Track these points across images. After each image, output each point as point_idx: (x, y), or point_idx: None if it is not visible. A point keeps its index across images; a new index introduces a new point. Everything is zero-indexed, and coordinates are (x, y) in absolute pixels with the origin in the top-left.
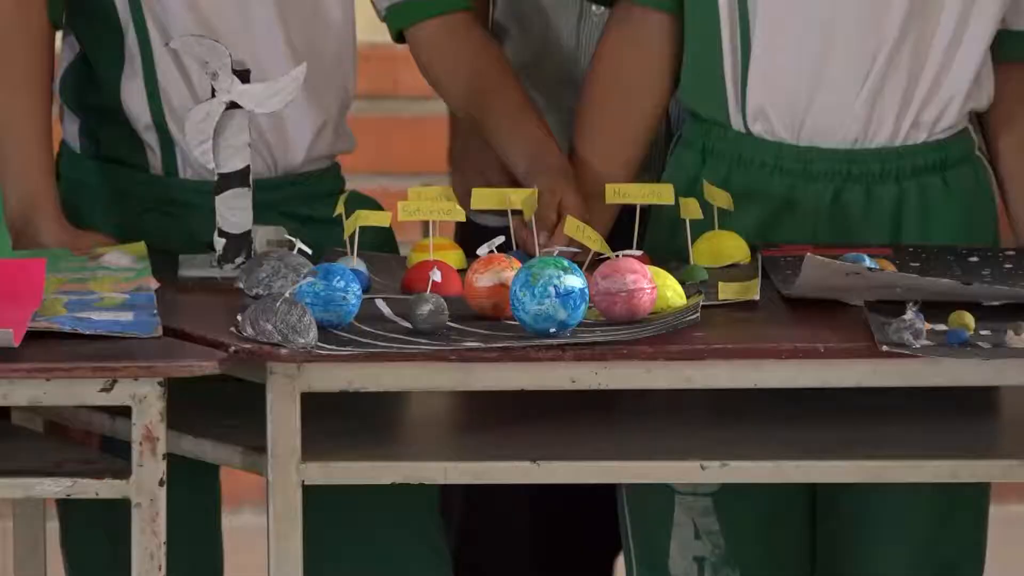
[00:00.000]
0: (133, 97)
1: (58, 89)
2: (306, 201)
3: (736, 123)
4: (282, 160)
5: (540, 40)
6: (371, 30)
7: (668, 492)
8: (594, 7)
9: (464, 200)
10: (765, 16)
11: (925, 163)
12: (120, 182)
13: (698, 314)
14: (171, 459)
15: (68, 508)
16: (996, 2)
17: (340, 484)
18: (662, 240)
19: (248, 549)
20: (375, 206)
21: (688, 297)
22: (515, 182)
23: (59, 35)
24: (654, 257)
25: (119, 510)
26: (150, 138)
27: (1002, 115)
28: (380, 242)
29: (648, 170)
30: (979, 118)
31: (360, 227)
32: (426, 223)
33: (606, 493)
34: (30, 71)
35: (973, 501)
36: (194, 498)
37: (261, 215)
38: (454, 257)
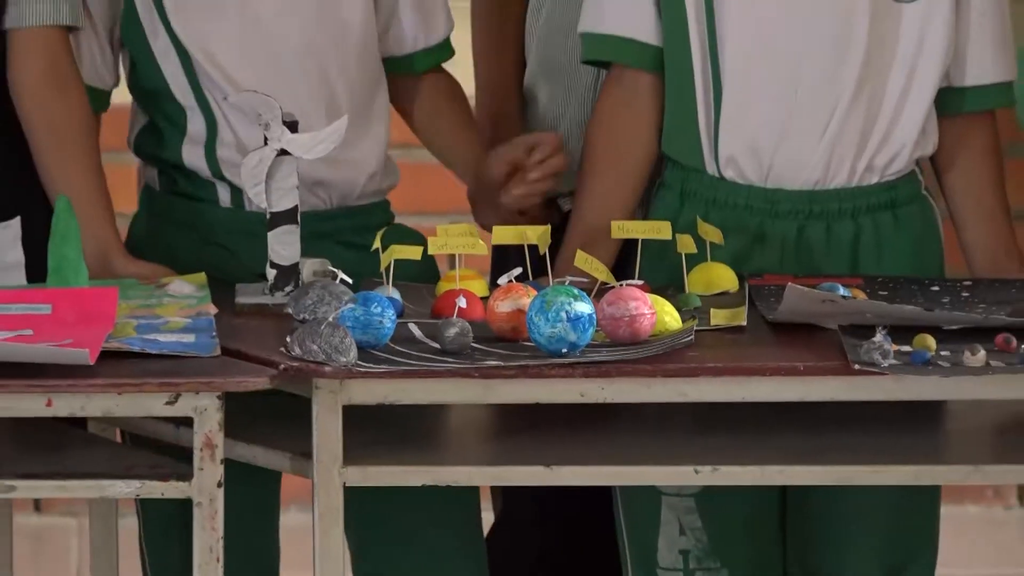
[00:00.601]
0: (193, 158)
1: (133, 147)
2: (359, 232)
3: (711, 169)
4: (337, 196)
5: (564, 92)
6: None
7: (656, 494)
8: None
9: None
10: (734, 74)
11: (878, 202)
12: (192, 216)
13: (692, 336)
14: (235, 464)
15: (147, 509)
16: (938, 62)
17: (379, 486)
18: (656, 270)
19: (296, 544)
20: (418, 237)
21: (684, 321)
22: (521, 218)
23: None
24: (653, 286)
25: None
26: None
27: (946, 160)
28: (421, 271)
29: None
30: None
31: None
32: (453, 256)
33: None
34: (80, 152)
35: (927, 500)
36: (255, 499)
37: (319, 243)
38: (477, 286)
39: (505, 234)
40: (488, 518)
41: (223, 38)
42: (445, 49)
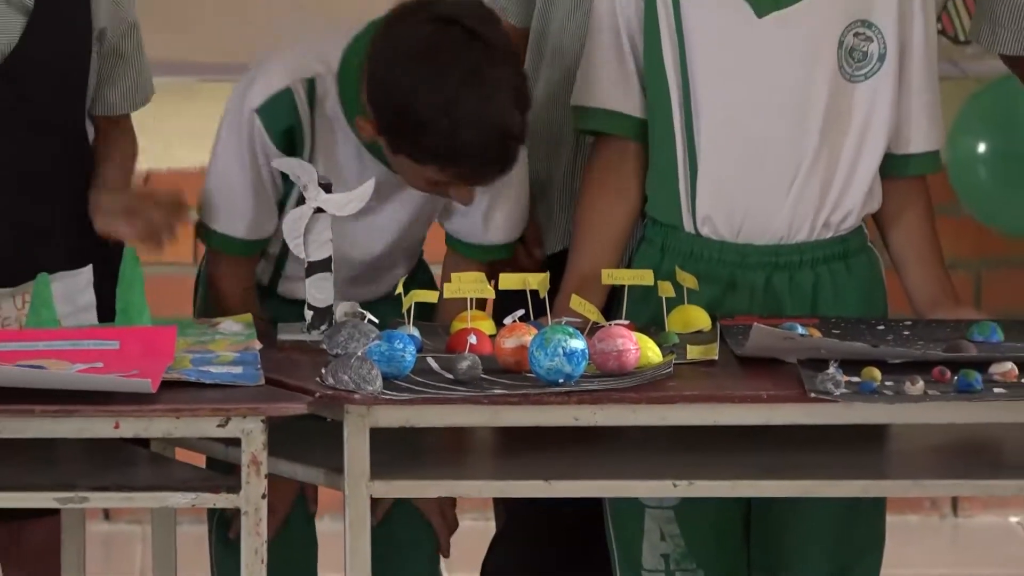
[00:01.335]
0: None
1: None
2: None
3: (688, 227)
4: (381, 293)
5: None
6: None
7: (639, 506)
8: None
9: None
10: (708, 145)
11: (833, 253)
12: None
13: (672, 369)
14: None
15: (218, 523)
16: (883, 134)
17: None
18: (640, 312)
19: (330, 548)
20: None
21: (664, 356)
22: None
23: None
24: (637, 325)
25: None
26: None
27: (890, 217)
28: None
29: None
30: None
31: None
32: (465, 299)
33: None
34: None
35: (874, 510)
36: (297, 509)
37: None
38: (486, 325)
39: (510, 280)
40: (490, 528)
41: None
42: (500, 251)
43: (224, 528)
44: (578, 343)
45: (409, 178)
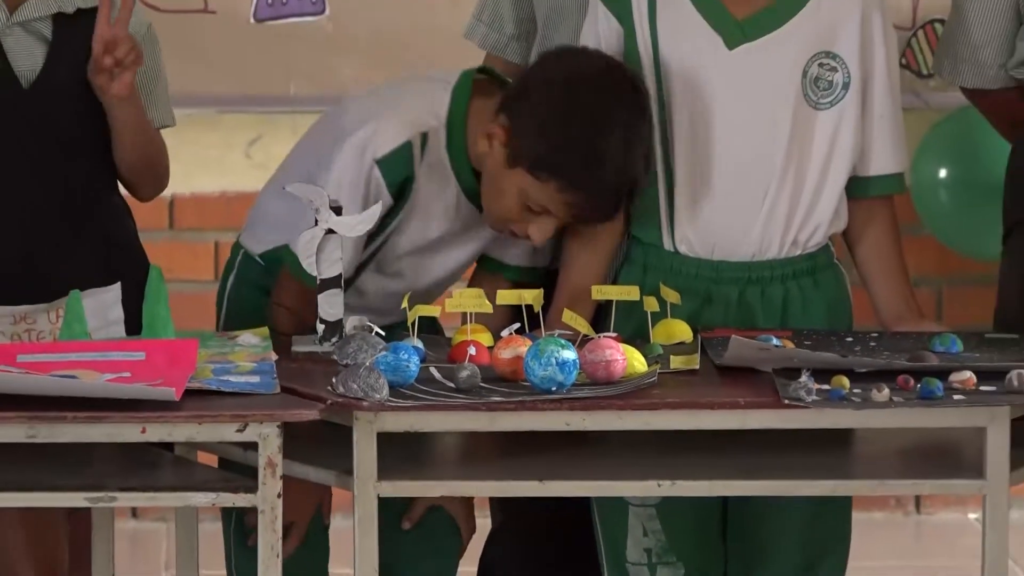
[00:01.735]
0: None
1: (264, 258)
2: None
3: (668, 245)
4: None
5: None
6: None
7: (624, 505)
8: None
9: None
10: (683, 169)
11: (802, 269)
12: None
13: (656, 378)
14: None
15: (235, 529)
16: (848, 157)
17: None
18: (626, 325)
19: (340, 544)
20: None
21: (649, 366)
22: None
23: None
24: (624, 337)
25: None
26: None
27: (856, 235)
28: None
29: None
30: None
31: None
32: (465, 314)
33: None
34: None
35: (841, 508)
36: (313, 519)
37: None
38: (484, 337)
39: (507, 296)
40: (485, 525)
41: (387, 289)
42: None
43: (242, 534)
44: (569, 354)
45: (505, 203)
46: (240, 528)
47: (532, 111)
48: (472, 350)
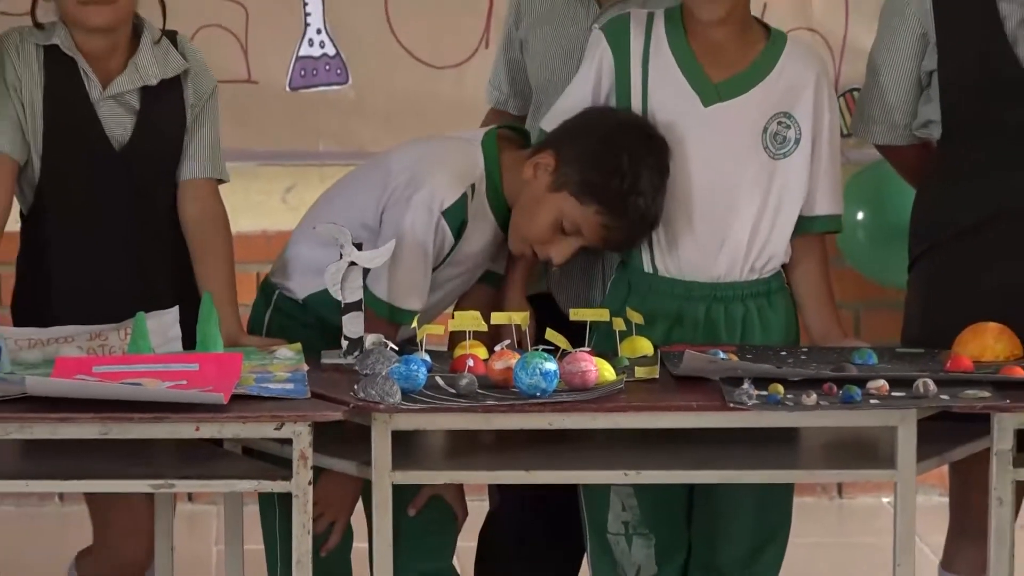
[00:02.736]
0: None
1: (304, 300)
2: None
3: (648, 268)
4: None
5: None
6: None
7: (607, 486)
8: None
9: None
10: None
11: (758, 291)
12: (299, 316)
13: (623, 385)
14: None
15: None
16: (798, 199)
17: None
18: (599, 342)
19: (359, 523)
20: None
21: (617, 375)
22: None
23: None
24: (597, 351)
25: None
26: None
27: (793, 264)
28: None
29: (596, 301)
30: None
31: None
32: (464, 332)
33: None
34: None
35: (784, 494)
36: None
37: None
38: (481, 352)
39: (499, 317)
40: (484, 506)
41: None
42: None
43: (286, 536)
44: (551, 365)
45: (540, 222)
46: (285, 530)
47: (579, 145)
48: (470, 362)
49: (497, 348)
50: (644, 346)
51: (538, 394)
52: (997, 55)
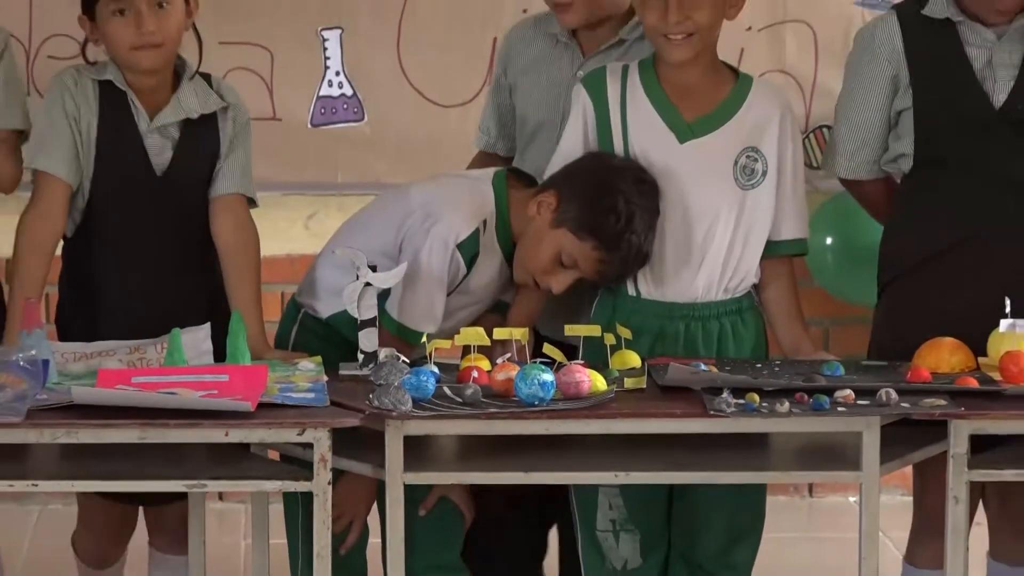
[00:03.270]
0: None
1: (327, 318)
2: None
3: (630, 291)
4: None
5: None
6: None
7: (595, 488)
8: None
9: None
10: None
11: (732, 310)
12: (321, 333)
13: (613, 395)
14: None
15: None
16: (766, 225)
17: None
18: (591, 354)
19: (373, 520)
20: None
21: (608, 385)
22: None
23: None
24: (589, 364)
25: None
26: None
27: (764, 285)
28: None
29: (583, 318)
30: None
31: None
32: (469, 346)
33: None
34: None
35: (758, 493)
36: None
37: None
38: (485, 364)
39: (501, 332)
40: None
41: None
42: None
43: (307, 532)
44: (548, 376)
45: (541, 256)
46: (307, 530)
47: (578, 186)
48: (475, 373)
49: (499, 361)
50: (632, 359)
51: (536, 403)
52: (968, 95)
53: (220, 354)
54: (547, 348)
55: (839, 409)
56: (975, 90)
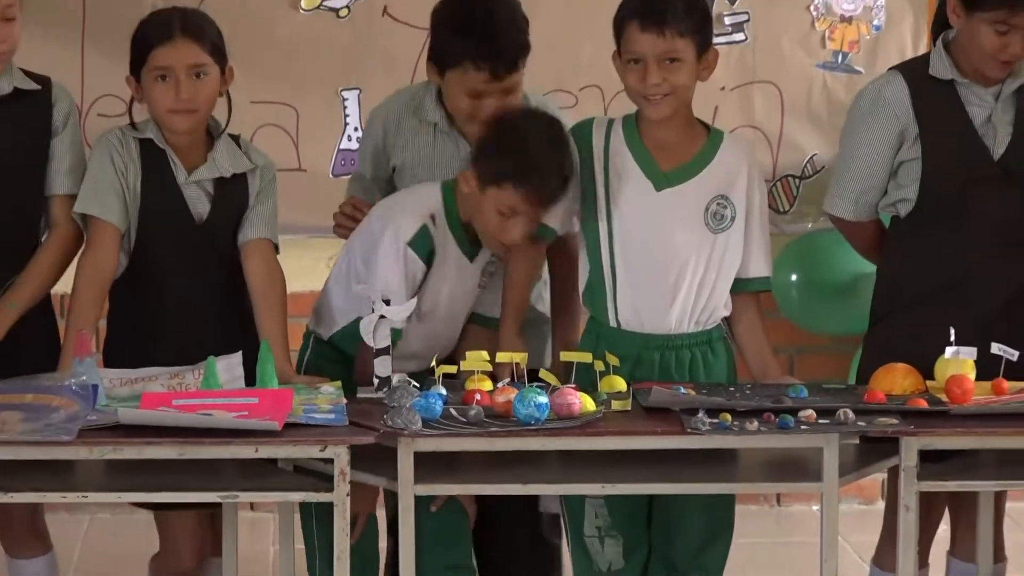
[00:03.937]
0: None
1: (339, 341)
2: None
3: (612, 322)
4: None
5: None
6: None
7: (582, 498)
8: None
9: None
10: (623, 272)
11: (703, 340)
12: (337, 359)
13: (602, 415)
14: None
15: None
16: (734, 265)
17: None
18: (582, 379)
19: (379, 509)
20: None
21: (597, 407)
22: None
23: None
24: (580, 387)
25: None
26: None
27: (735, 318)
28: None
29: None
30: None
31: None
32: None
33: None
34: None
35: (728, 503)
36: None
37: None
38: (487, 386)
39: (503, 357)
40: None
41: (420, 332)
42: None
43: (321, 531)
44: (543, 399)
45: (487, 218)
46: (324, 534)
47: (484, 148)
48: (478, 396)
49: (499, 384)
50: (619, 383)
51: (533, 422)
52: (970, 149)
53: (251, 379)
54: (543, 374)
55: (802, 427)
56: (977, 144)
